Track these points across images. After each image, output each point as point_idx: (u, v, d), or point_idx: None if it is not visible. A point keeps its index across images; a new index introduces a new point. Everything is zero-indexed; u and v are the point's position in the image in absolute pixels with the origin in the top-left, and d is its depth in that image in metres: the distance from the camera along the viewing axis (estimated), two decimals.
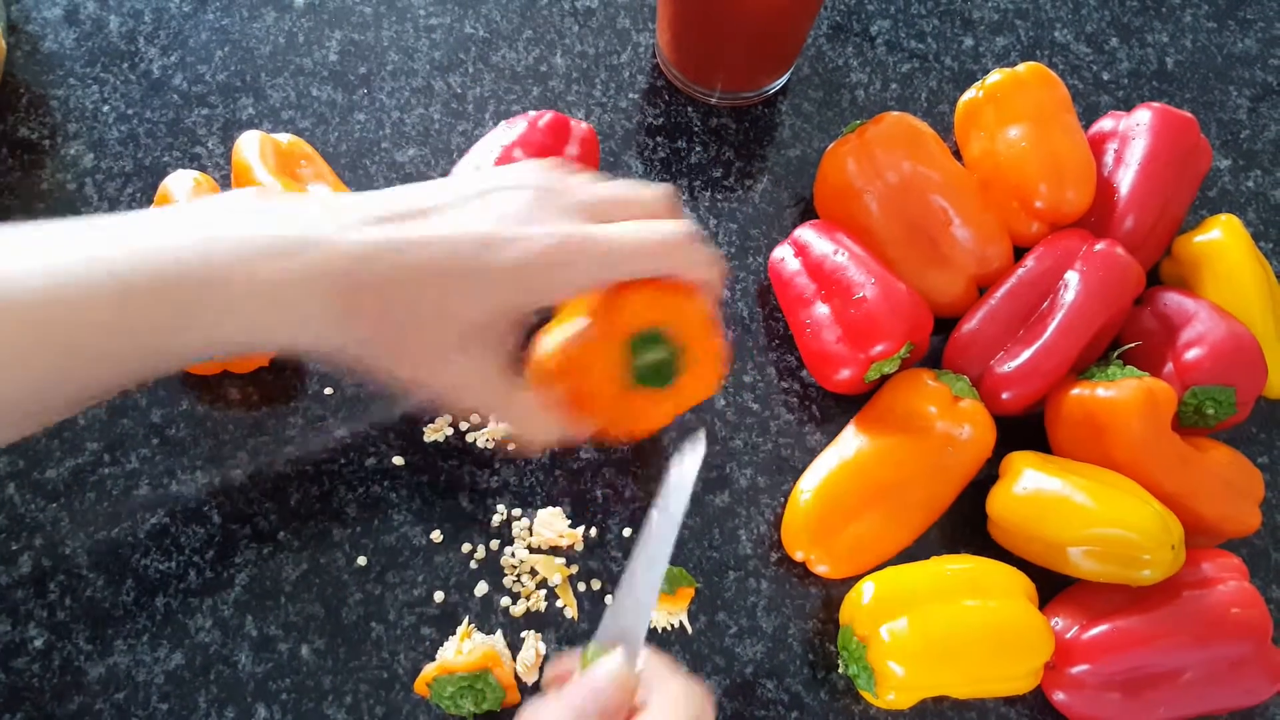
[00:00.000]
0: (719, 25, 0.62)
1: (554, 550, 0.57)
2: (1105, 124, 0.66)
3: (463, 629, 0.53)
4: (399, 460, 0.58)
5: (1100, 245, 0.59)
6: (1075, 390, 0.57)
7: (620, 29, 0.71)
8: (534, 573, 0.56)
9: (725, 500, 0.59)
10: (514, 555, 0.56)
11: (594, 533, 0.58)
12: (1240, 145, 0.72)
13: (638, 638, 0.40)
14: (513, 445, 0.58)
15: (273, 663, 0.53)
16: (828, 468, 0.57)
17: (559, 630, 0.55)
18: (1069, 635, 0.53)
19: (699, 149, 0.68)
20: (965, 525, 0.59)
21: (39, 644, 0.52)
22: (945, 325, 0.62)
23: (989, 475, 0.58)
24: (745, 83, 0.68)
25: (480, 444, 0.58)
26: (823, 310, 0.59)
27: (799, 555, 0.57)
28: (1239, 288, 0.61)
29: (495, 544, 0.57)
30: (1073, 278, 0.58)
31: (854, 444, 0.58)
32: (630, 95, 0.69)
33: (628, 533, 0.58)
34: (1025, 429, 0.60)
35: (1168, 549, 0.51)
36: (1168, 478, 0.55)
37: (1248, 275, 0.61)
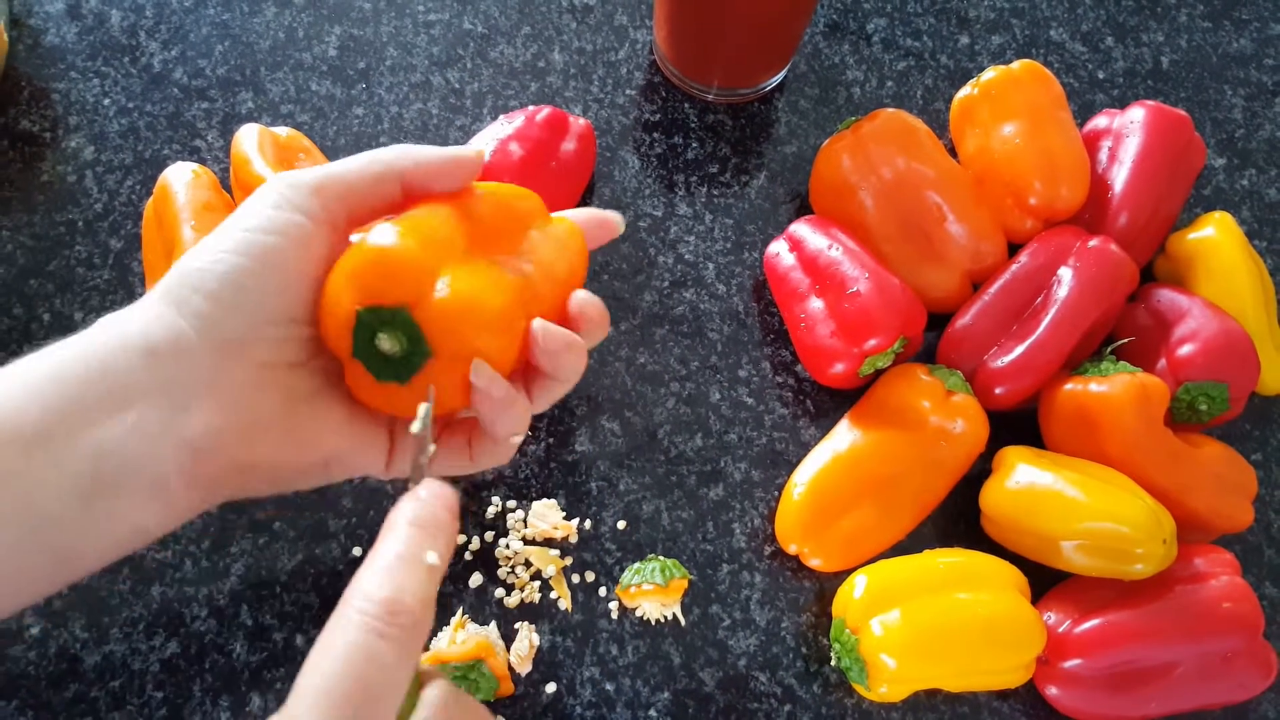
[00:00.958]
0: (716, 22, 0.63)
1: (548, 542, 0.57)
2: (1100, 121, 0.66)
3: (457, 619, 0.53)
4: None
5: (1094, 242, 0.59)
6: (1068, 385, 0.57)
7: (618, 25, 0.72)
8: (528, 564, 0.56)
9: (719, 494, 0.59)
10: (509, 547, 0.57)
11: (589, 525, 0.58)
12: (1235, 144, 0.72)
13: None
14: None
15: (268, 652, 0.53)
16: (821, 462, 0.57)
17: (553, 622, 0.56)
18: (1061, 630, 0.53)
19: (695, 145, 0.68)
20: (958, 519, 0.60)
21: (35, 632, 0.53)
22: (939, 321, 0.62)
23: (982, 470, 0.58)
24: (742, 79, 0.68)
25: None
26: (817, 305, 0.59)
27: (792, 548, 0.57)
28: (1232, 284, 0.61)
29: (490, 535, 0.57)
30: (1066, 274, 0.59)
31: (848, 438, 0.58)
32: (627, 91, 0.70)
33: (622, 525, 0.58)
34: (1018, 424, 0.61)
35: (1159, 543, 0.51)
36: (1160, 473, 0.55)
37: (1241, 272, 0.61)
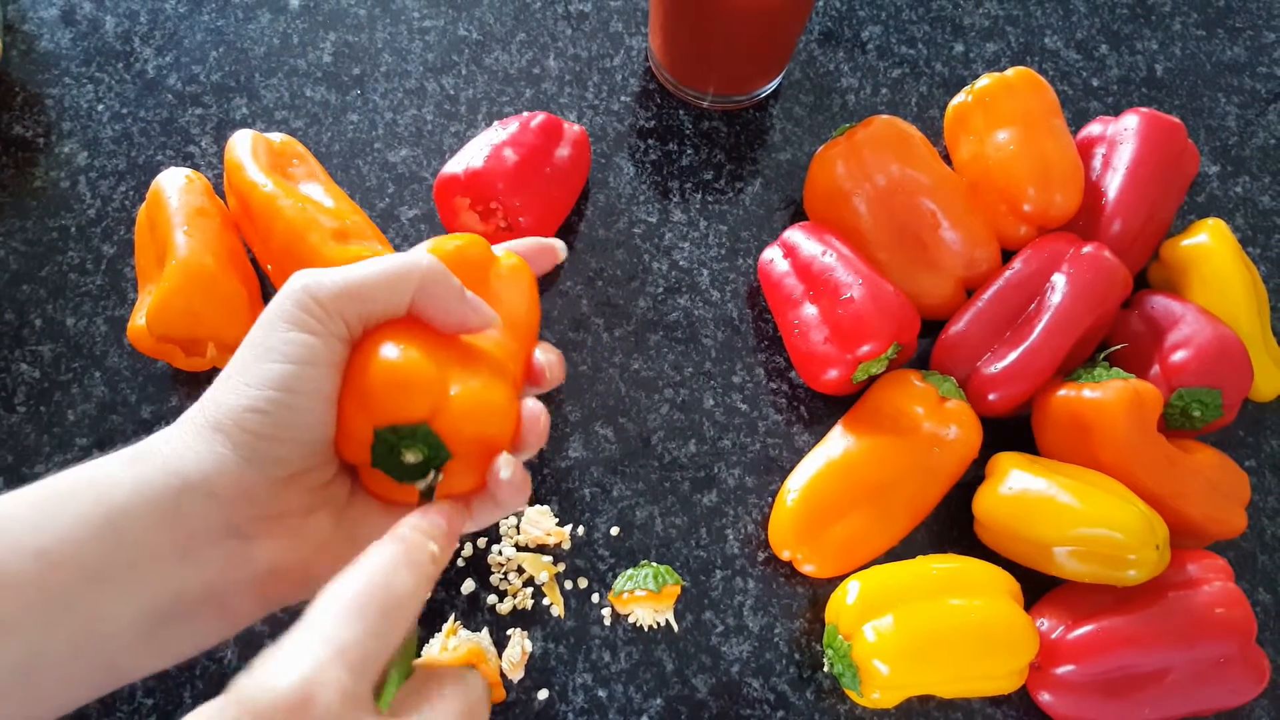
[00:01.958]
0: (711, 30, 0.63)
1: (541, 548, 0.57)
2: (1093, 129, 0.66)
3: (449, 626, 0.53)
4: None
5: (1088, 248, 0.59)
6: (1062, 391, 0.57)
7: (613, 32, 0.72)
8: (521, 570, 0.56)
9: (713, 500, 0.59)
10: (501, 553, 0.56)
11: (581, 531, 0.58)
12: (1229, 151, 0.72)
13: None
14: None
15: (259, 658, 0.53)
16: (815, 468, 0.57)
17: (545, 628, 0.55)
18: (1054, 635, 0.53)
19: (690, 152, 0.68)
20: (951, 526, 0.59)
21: None
22: (933, 327, 0.62)
23: (975, 476, 0.58)
24: (737, 87, 0.68)
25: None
26: (811, 311, 0.59)
27: (786, 555, 0.57)
28: (1226, 291, 0.61)
29: (483, 541, 0.57)
30: (1060, 280, 0.59)
31: (841, 444, 0.58)
32: (622, 98, 0.70)
33: (615, 531, 0.58)
34: (1012, 430, 0.61)
35: (1152, 549, 0.51)
36: (1153, 479, 0.55)
37: (1234, 279, 0.61)
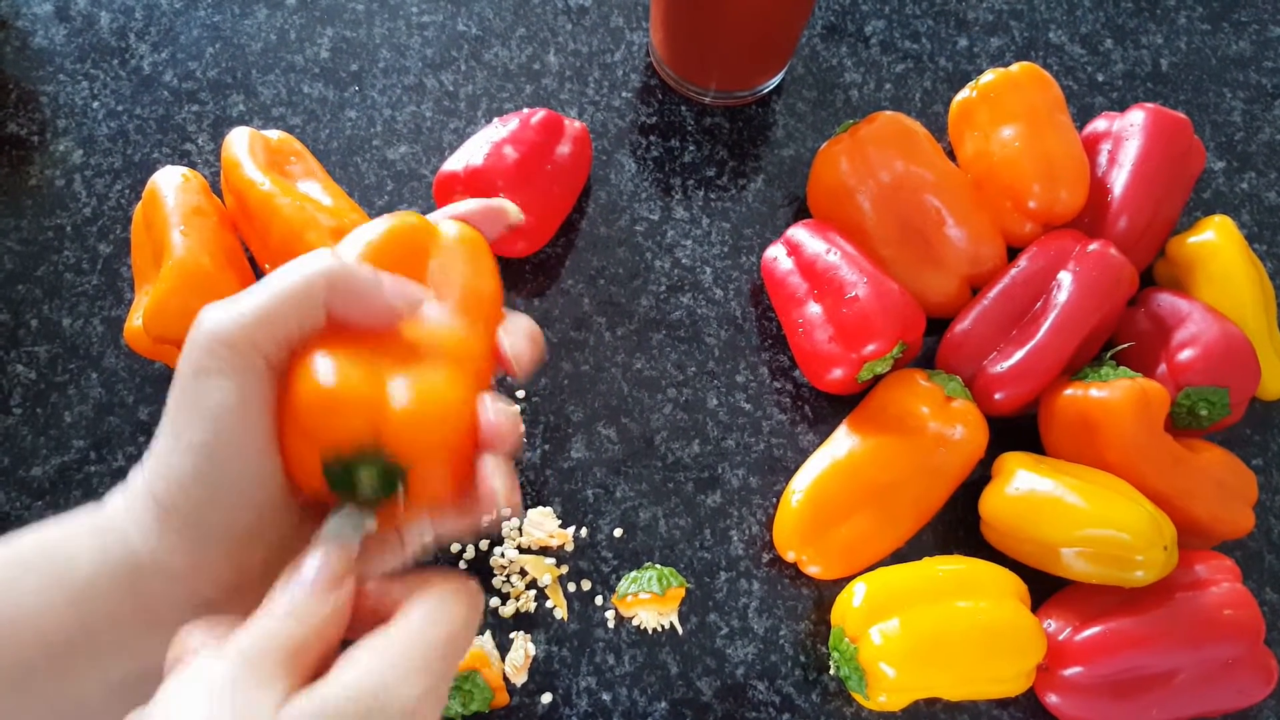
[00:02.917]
0: (712, 24, 0.62)
1: (544, 550, 0.57)
2: (1099, 124, 0.65)
3: None
4: None
5: (1094, 246, 0.59)
6: (1068, 391, 0.56)
7: (613, 27, 0.71)
8: (524, 573, 0.56)
9: (717, 500, 0.59)
10: (504, 555, 0.56)
11: (585, 533, 0.57)
12: (1234, 147, 0.72)
13: None
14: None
15: None
16: (820, 468, 0.57)
17: (549, 631, 0.55)
18: (1061, 637, 0.53)
19: (692, 148, 0.68)
20: (957, 526, 0.59)
21: None
22: (938, 325, 0.62)
23: (981, 476, 0.58)
24: (739, 82, 0.68)
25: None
26: (815, 310, 0.58)
27: (790, 556, 0.56)
28: (1233, 289, 0.61)
29: (485, 544, 0.56)
30: (1066, 278, 0.58)
31: (846, 444, 0.57)
32: (623, 94, 0.69)
33: (619, 533, 0.57)
34: (1018, 430, 0.60)
35: (1160, 550, 0.51)
36: (1161, 479, 0.55)
37: (1241, 276, 0.61)
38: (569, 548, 0.57)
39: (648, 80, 0.70)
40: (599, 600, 0.56)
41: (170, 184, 0.57)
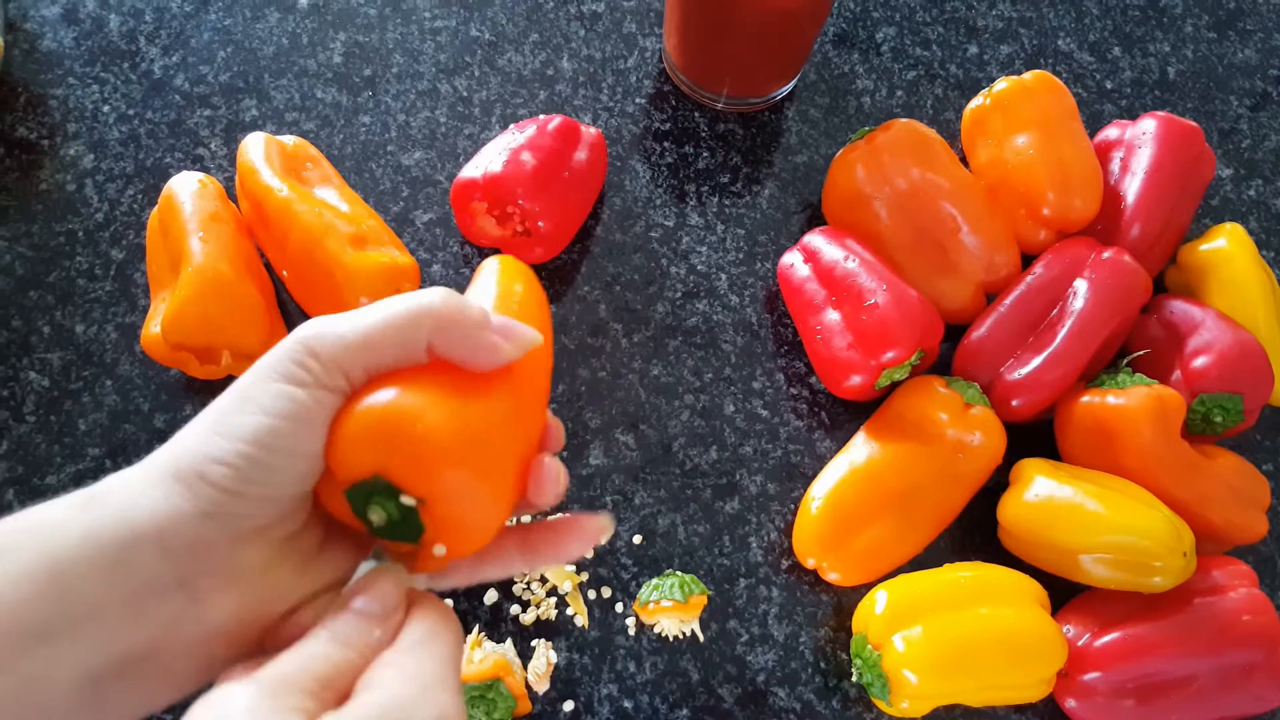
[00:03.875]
0: (726, 31, 0.62)
1: None
2: (1110, 132, 0.66)
3: (472, 638, 0.53)
4: None
5: (1108, 253, 0.59)
6: (1085, 398, 0.57)
7: (627, 33, 0.71)
8: (544, 580, 0.56)
9: (735, 507, 0.59)
10: None
11: (604, 540, 0.57)
12: (1241, 154, 0.72)
13: None
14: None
15: None
16: (838, 475, 0.57)
17: (570, 638, 0.55)
18: (1080, 643, 0.53)
19: (706, 154, 0.68)
20: (975, 532, 0.59)
21: None
22: (953, 332, 0.62)
23: (999, 482, 0.58)
24: (752, 89, 0.68)
25: None
26: (833, 317, 0.59)
27: (810, 563, 0.56)
28: (1245, 295, 0.61)
29: None
30: (1082, 285, 0.58)
31: (864, 451, 0.57)
32: (637, 100, 0.69)
33: (638, 540, 0.57)
34: (1034, 436, 0.60)
35: (1179, 556, 0.51)
36: (1177, 485, 0.55)
37: (1254, 283, 0.61)
38: (589, 555, 0.57)
39: (661, 86, 0.70)
40: (619, 607, 0.56)
41: (187, 189, 0.57)
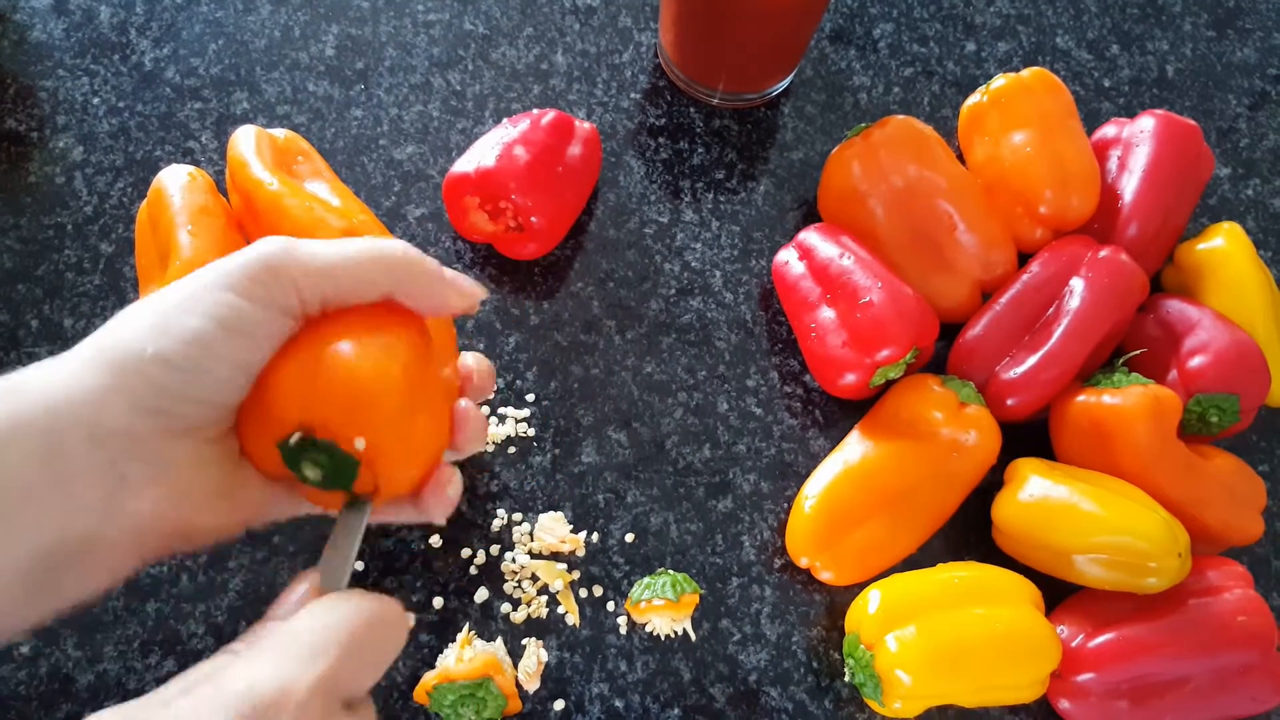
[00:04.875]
0: (722, 26, 0.62)
1: (555, 555, 0.56)
2: (1108, 130, 0.65)
3: (463, 636, 0.52)
4: None
5: (1105, 252, 0.59)
6: (1081, 397, 0.56)
7: (622, 28, 0.71)
8: (535, 578, 0.55)
9: (728, 506, 0.58)
10: (515, 560, 0.55)
11: (596, 538, 0.57)
12: (1239, 153, 0.72)
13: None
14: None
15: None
16: (832, 473, 0.57)
17: (560, 637, 0.54)
18: (1074, 643, 0.53)
19: (701, 150, 0.67)
20: (970, 532, 0.59)
21: (25, 651, 0.51)
22: (948, 330, 0.62)
23: (994, 482, 0.58)
24: (748, 84, 0.67)
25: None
26: (828, 314, 0.58)
27: (803, 562, 0.56)
28: (1242, 295, 0.61)
29: (495, 549, 0.56)
30: (1078, 284, 0.58)
31: (858, 449, 0.57)
32: (632, 95, 0.69)
33: (630, 538, 0.57)
34: (1029, 435, 0.60)
35: (1174, 557, 0.51)
36: (1173, 485, 0.55)
37: (1252, 283, 0.61)
38: (580, 553, 0.56)
39: (656, 82, 0.69)
40: (610, 606, 0.55)
41: (176, 183, 0.56)
